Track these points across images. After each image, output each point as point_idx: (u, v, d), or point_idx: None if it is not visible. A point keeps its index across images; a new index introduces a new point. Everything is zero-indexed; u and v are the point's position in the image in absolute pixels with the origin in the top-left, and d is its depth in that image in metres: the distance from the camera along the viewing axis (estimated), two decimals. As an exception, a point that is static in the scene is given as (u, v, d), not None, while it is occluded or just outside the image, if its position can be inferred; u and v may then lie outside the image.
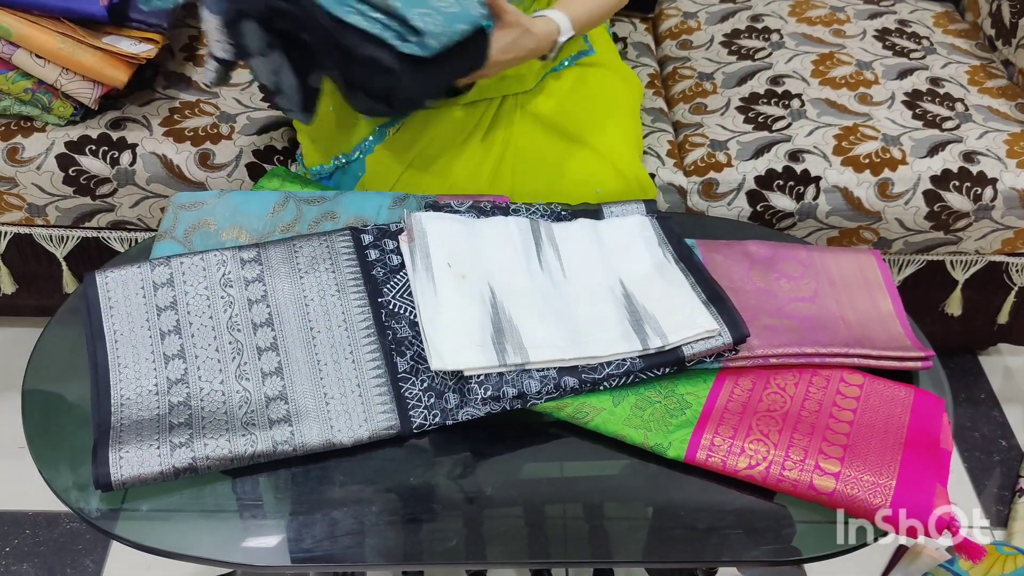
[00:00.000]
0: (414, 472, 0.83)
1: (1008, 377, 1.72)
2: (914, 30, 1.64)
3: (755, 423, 0.84)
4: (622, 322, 0.89)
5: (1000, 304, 1.52)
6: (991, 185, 1.35)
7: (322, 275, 0.93)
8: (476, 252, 0.93)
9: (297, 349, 0.87)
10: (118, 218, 1.41)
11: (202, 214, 1.01)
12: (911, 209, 1.36)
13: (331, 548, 0.78)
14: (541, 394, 0.84)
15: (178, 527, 0.79)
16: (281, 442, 0.81)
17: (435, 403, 0.85)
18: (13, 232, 1.44)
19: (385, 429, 0.83)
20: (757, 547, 0.80)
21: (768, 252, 1.03)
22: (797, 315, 0.95)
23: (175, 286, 0.90)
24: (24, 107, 1.34)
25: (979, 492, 1.52)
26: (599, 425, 0.84)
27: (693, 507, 0.82)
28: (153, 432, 0.80)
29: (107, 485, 0.77)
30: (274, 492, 0.82)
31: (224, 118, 1.42)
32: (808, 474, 0.80)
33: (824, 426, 0.84)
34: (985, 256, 1.45)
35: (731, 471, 0.81)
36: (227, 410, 0.82)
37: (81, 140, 1.35)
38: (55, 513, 1.43)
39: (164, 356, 0.86)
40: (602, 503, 0.85)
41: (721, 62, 1.60)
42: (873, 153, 1.38)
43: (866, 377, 0.89)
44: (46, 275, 1.51)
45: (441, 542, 0.80)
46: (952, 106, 1.46)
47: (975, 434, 1.61)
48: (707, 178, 1.38)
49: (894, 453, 0.81)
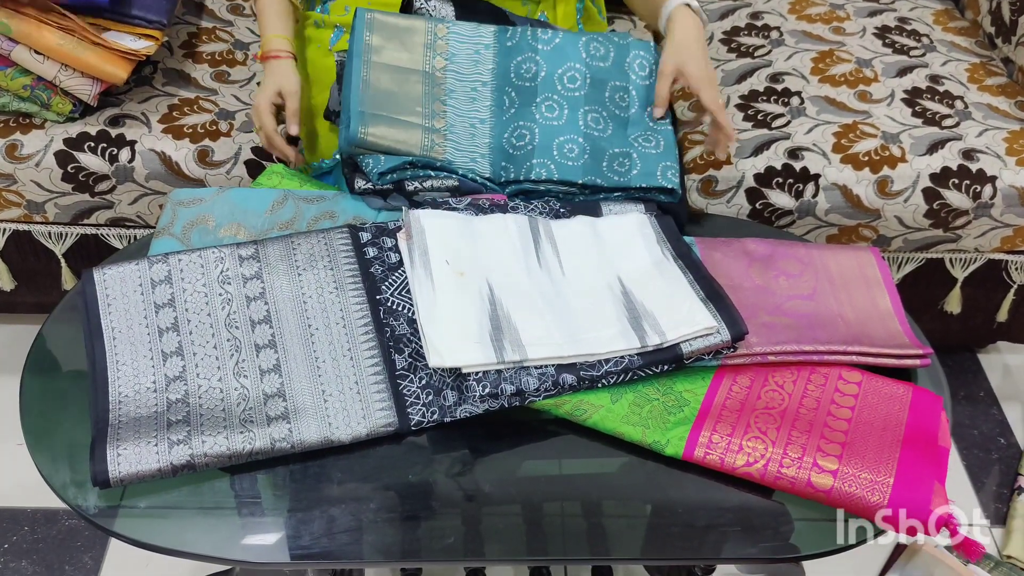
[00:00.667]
0: (412, 469, 0.83)
1: (1007, 375, 1.72)
2: (914, 27, 1.64)
3: (753, 420, 0.84)
4: (620, 319, 0.89)
5: (999, 302, 1.52)
6: (990, 183, 1.35)
7: (320, 272, 0.92)
8: (474, 249, 0.93)
9: (295, 346, 0.87)
10: (117, 215, 1.41)
11: (200, 211, 1.01)
12: (910, 207, 1.36)
13: (329, 545, 0.78)
14: (539, 391, 0.84)
15: (176, 524, 0.79)
16: (279, 439, 0.81)
17: (433, 400, 0.85)
18: (12, 229, 1.44)
19: (383, 426, 0.83)
20: (755, 544, 0.80)
21: (767, 250, 1.03)
22: (796, 312, 0.95)
23: (173, 283, 0.90)
24: (23, 104, 1.34)
25: (978, 490, 1.52)
26: (597, 422, 0.84)
27: (691, 504, 0.82)
28: (151, 429, 0.80)
29: (105, 482, 0.77)
30: (273, 489, 0.82)
31: (223, 115, 1.42)
32: (806, 471, 0.80)
33: (822, 423, 0.84)
34: (984, 254, 1.45)
35: (729, 468, 0.81)
36: (225, 407, 0.82)
37: (80, 137, 1.35)
38: (54, 510, 1.43)
39: (162, 353, 0.86)
40: (600, 500, 0.85)
41: (721, 59, 1.59)
42: (872, 151, 1.38)
43: (864, 375, 0.89)
44: (45, 272, 1.50)
45: (439, 539, 0.80)
46: (952, 104, 1.46)
47: (974, 432, 1.61)
48: (706, 175, 1.38)
49: (892, 451, 0.81)
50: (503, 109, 1.06)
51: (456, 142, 1.04)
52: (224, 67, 1.52)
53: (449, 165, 1.03)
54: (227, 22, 1.62)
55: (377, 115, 1.02)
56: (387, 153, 1.02)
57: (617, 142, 1.06)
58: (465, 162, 1.04)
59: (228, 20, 1.63)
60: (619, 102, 1.07)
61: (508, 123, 1.06)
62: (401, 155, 1.02)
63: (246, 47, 1.57)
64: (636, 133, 1.07)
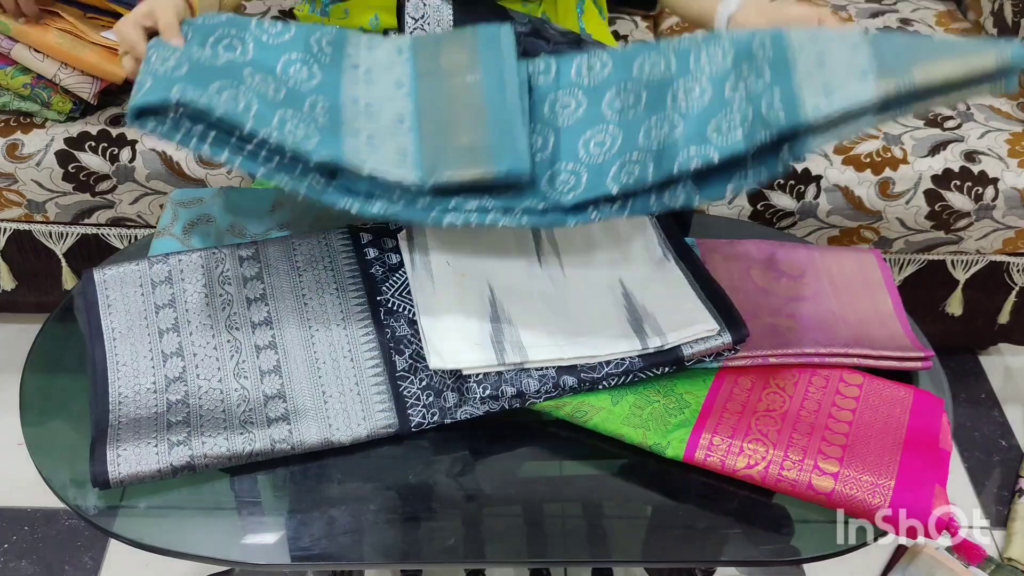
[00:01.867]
0: (413, 470, 0.83)
1: (1008, 377, 1.72)
2: (916, 29, 1.64)
3: (754, 423, 0.84)
4: (621, 321, 0.89)
5: (1001, 304, 1.52)
6: (992, 184, 1.35)
7: (320, 273, 0.92)
8: (475, 251, 0.93)
9: (295, 347, 0.87)
10: (117, 215, 1.41)
11: (201, 211, 1.01)
12: (912, 208, 1.36)
13: (329, 546, 0.78)
14: (540, 393, 0.84)
15: (176, 525, 0.79)
16: (279, 440, 0.81)
17: (434, 402, 0.85)
18: (12, 228, 1.44)
19: (383, 428, 0.83)
20: (756, 547, 0.80)
21: (768, 251, 1.03)
22: (797, 314, 0.95)
23: (173, 284, 0.90)
24: (23, 103, 1.34)
25: (979, 492, 1.52)
26: (598, 424, 0.84)
27: (692, 506, 0.82)
28: (151, 430, 0.80)
29: (104, 483, 0.77)
30: (272, 490, 0.82)
31: (224, 115, 1.41)
32: (807, 474, 0.80)
33: (823, 426, 0.84)
34: (986, 256, 1.45)
35: (730, 471, 0.81)
36: (225, 408, 0.82)
37: (81, 136, 1.35)
38: (54, 510, 1.43)
39: (162, 354, 0.86)
40: (601, 502, 0.84)
41: (722, 60, 1.59)
42: (874, 152, 1.37)
43: (865, 377, 0.89)
44: (45, 271, 1.51)
45: (440, 540, 0.80)
46: (953, 105, 1.46)
47: (975, 434, 1.61)
48: (707, 177, 1.38)
49: (893, 453, 0.81)
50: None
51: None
52: (225, 67, 1.51)
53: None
54: (228, 22, 1.62)
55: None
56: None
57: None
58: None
59: (229, 20, 1.62)
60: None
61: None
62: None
63: (247, 47, 1.57)
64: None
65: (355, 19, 1.23)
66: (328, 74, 0.86)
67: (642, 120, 0.83)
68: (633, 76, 0.86)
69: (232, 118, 0.78)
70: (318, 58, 0.86)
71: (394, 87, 0.87)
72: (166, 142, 0.74)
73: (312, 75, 0.85)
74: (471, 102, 0.84)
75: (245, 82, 0.81)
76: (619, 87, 0.86)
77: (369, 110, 0.84)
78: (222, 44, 0.84)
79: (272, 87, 0.82)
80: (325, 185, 0.81)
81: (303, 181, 0.80)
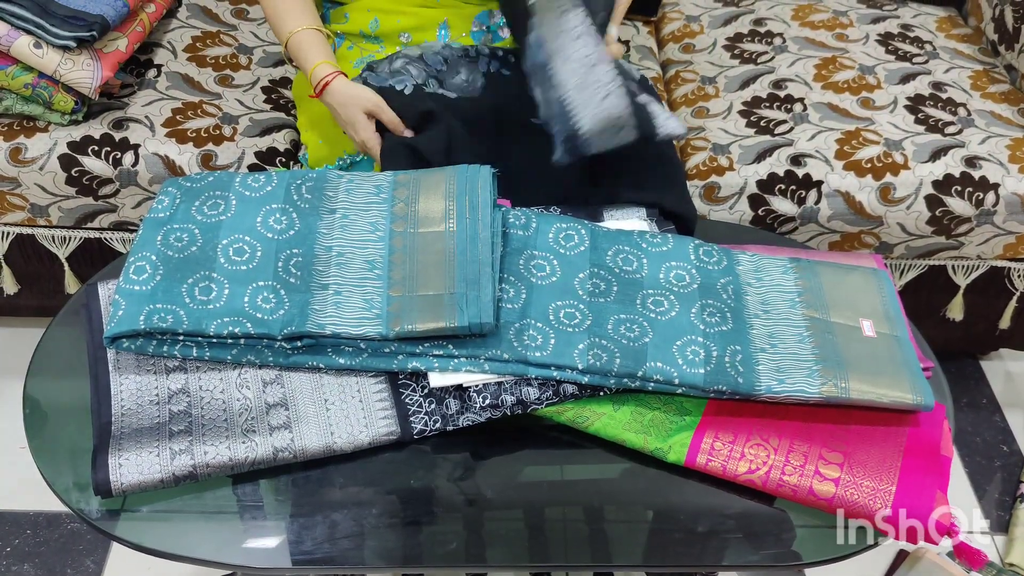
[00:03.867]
0: (414, 475, 0.83)
1: (1009, 382, 1.72)
2: (917, 35, 1.64)
3: (755, 428, 0.84)
4: None
5: (1002, 309, 1.52)
6: (993, 190, 1.35)
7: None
8: None
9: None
10: (120, 219, 1.42)
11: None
12: (913, 214, 1.36)
13: (331, 550, 0.78)
14: (540, 400, 0.84)
15: (178, 528, 0.79)
16: (281, 448, 0.81)
17: (435, 409, 0.85)
18: (15, 232, 1.45)
19: (385, 435, 0.83)
20: (757, 551, 0.80)
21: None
22: (798, 320, 0.95)
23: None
24: (26, 105, 1.34)
25: (980, 497, 1.52)
26: (599, 429, 0.84)
27: (693, 511, 0.82)
28: (153, 439, 0.80)
29: (107, 492, 0.77)
30: (274, 494, 0.82)
31: (227, 119, 1.42)
32: (808, 479, 0.80)
33: (825, 431, 0.84)
34: (987, 261, 1.45)
35: (731, 475, 0.81)
36: (227, 417, 0.82)
37: (84, 140, 1.35)
38: (56, 513, 1.43)
39: (165, 367, 0.86)
40: (602, 507, 0.85)
41: (723, 66, 1.60)
42: (875, 157, 1.38)
43: (867, 382, 0.89)
44: (48, 275, 1.51)
45: (441, 545, 0.80)
46: (954, 111, 1.46)
47: (976, 439, 1.61)
48: (709, 182, 1.38)
49: (894, 459, 0.81)
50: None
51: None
52: (228, 71, 1.52)
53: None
54: (231, 26, 1.62)
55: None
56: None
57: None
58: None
59: (232, 24, 1.63)
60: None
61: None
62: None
63: (250, 51, 1.58)
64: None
65: (354, 23, 1.23)
66: (305, 222, 0.91)
67: (612, 311, 0.88)
68: (606, 264, 0.92)
69: (196, 329, 0.83)
70: (297, 206, 0.91)
71: (369, 230, 0.91)
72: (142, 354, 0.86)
73: (291, 224, 0.90)
74: (441, 252, 0.87)
75: (218, 262, 0.87)
76: (592, 271, 0.91)
77: (339, 260, 0.89)
78: (207, 205, 0.91)
79: (247, 254, 0.88)
80: (291, 351, 0.85)
81: (269, 355, 0.85)
